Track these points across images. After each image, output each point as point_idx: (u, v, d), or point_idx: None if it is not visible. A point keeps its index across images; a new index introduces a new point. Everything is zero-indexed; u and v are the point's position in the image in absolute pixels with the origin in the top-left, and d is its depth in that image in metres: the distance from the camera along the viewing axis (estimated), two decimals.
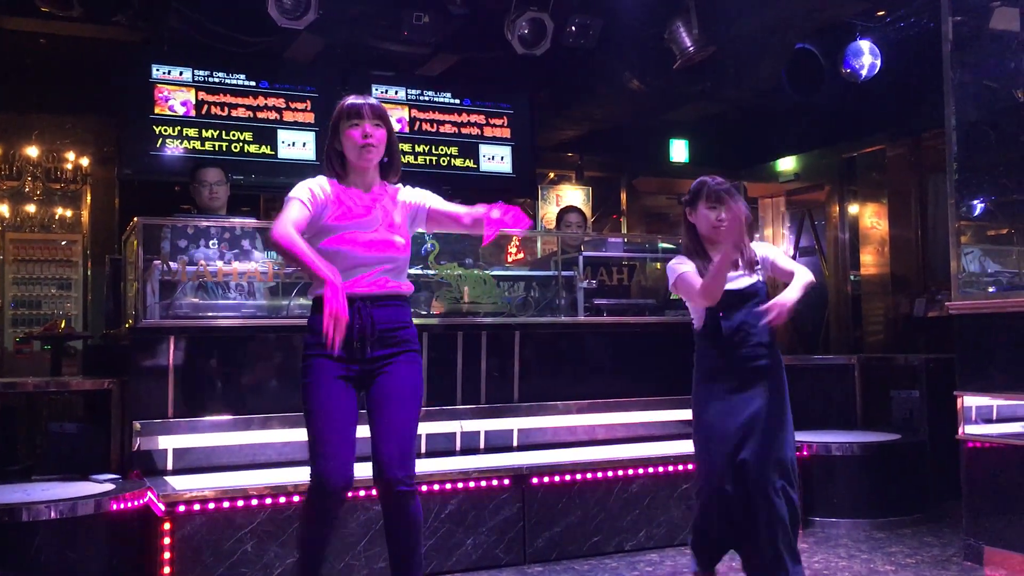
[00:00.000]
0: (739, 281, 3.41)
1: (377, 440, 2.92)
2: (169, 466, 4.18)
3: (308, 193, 2.95)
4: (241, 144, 6.88)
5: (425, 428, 4.66)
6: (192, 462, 4.22)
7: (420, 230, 3.21)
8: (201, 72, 6.83)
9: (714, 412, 3.36)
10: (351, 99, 3.02)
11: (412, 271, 5.12)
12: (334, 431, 2.88)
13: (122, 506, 3.63)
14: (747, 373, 3.36)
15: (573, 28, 6.48)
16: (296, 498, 3.81)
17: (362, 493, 3.92)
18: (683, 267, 3.43)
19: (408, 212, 3.07)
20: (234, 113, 6.90)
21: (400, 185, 3.13)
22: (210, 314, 4.44)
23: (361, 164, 2.99)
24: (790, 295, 3.28)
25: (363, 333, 2.90)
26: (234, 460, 4.28)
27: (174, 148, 6.70)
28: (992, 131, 4.44)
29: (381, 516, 3.92)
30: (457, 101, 7.60)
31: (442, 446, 4.67)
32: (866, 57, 6.80)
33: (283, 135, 7.02)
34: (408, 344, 3.02)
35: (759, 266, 3.46)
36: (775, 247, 3.63)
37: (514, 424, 4.84)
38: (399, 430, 2.93)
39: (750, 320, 3.36)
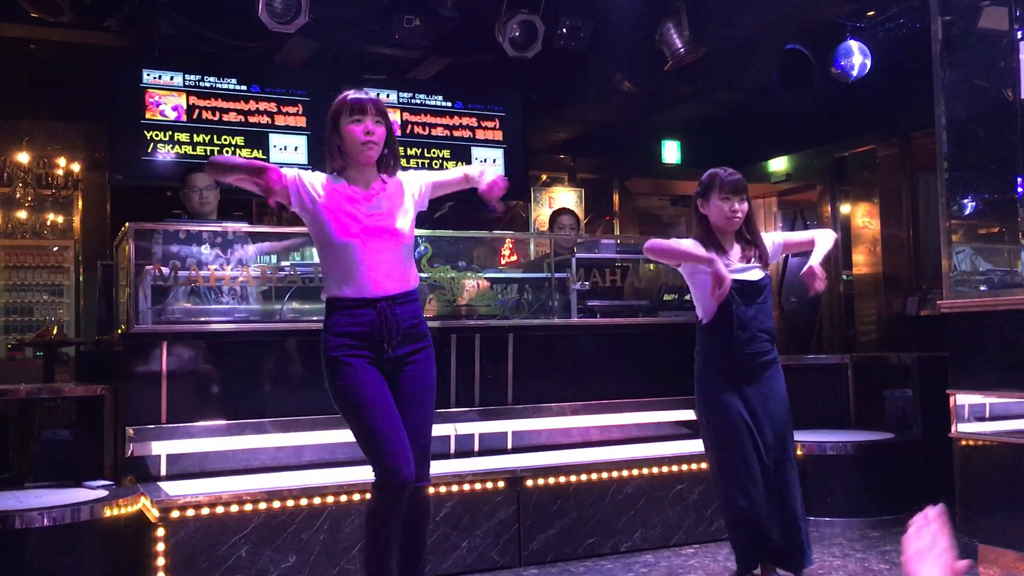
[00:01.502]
0: (751, 273, 3.43)
1: None
2: (163, 472, 4.17)
3: (300, 179, 2.97)
4: (233, 148, 6.87)
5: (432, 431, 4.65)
6: (186, 468, 4.21)
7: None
8: (192, 77, 6.82)
9: (729, 402, 3.37)
10: (353, 94, 3.00)
11: None
12: (393, 424, 2.91)
13: (116, 512, 3.61)
14: (757, 367, 3.38)
15: (564, 30, 6.48)
16: (290, 503, 3.81)
17: (356, 497, 3.92)
18: (685, 241, 3.47)
19: (413, 200, 3.08)
20: (225, 118, 6.89)
21: (399, 174, 3.12)
22: (203, 319, 4.44)
23: (362, 160, 2.98)
24: (817, 258, 3.43)
25: (387, 333, 2.92)
26: (228, 465, 4.27)
27: (165, 153, 6.69)
28: (982, 130, 4.46)
29: None
30: (449, 104, 7.60)
31: (436, 449, 4.60)
32: (856, 57, 6.82)
33: (275, 139, 7.02)
34: (426, 339, 3.06)
35: (772, 256, 3.49)
36: (778, 233, 3.68)
37: (508, 426, 4.84)
38: (422, 431, 3.01)
39: (760, 314, 3.39)
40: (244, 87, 6.96)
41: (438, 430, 4.63)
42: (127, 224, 4.34)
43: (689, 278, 3.52)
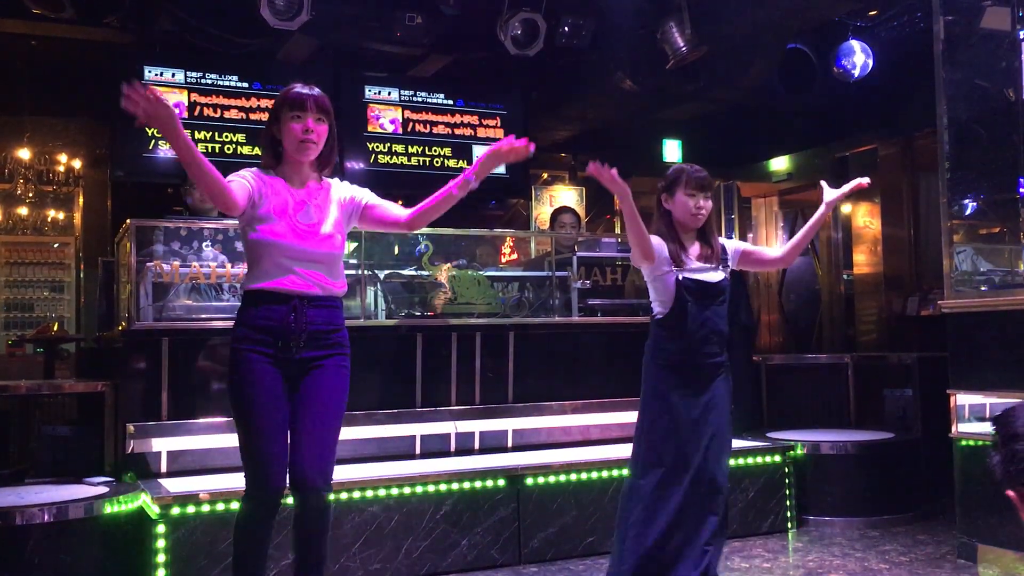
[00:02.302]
0: (709, 274, 3.41)
1: (299, 445, 2.80)
2: (163, 468, 4.17)
3: (248, 177, 2.82)
4: (234, 146, 6.87)
5: (420, 429, 4.66)
6: (186, 464, 4.21)
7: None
8: (193, 74, 6.81)
9: (675, 401, 3.36)
10: (297, 88, 2.87)
11: (408, 271, 5.15)
12: (273, 432, 2.77)
13: (116, 509, 3.62)
14: (706, 368, 3.38)
15: (566, 28, 6.48)
16: (289, 499, 3.80)
17: (357, 495, 3.92)
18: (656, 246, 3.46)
19: (343, 209, 2.94)
20: (227, 115, 6.89)
21: (333, 180, 3.00)
22: (203, 316, 4.44)
23: (298, 157, 2.86)
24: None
25: (295, 331, 2.78)
26: (228, 462, 4.25)
27: (166, 150, 6.68)
28: (983, 130, 4.46)
29: (375, 517, 3.95)
30: (450, 102, 7.60)
31: (437, 447, 4.67)
32: (858, 56, 6.82)
33: None
34: (339, 348, 2.90)
35: (728, 261, 3.47)
36: (737, 241, 3.66)
37: (509, 425, 4.84)
38: (321, 439, 2.82)
39: (714, 316, 3.38)
40: (245, 84, 6.96)
41: (439, 428, 4.66)
42: (128, 221, 4.34)
43: (650, 281, 3.50)
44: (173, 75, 6.76)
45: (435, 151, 7.49)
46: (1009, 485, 1.39)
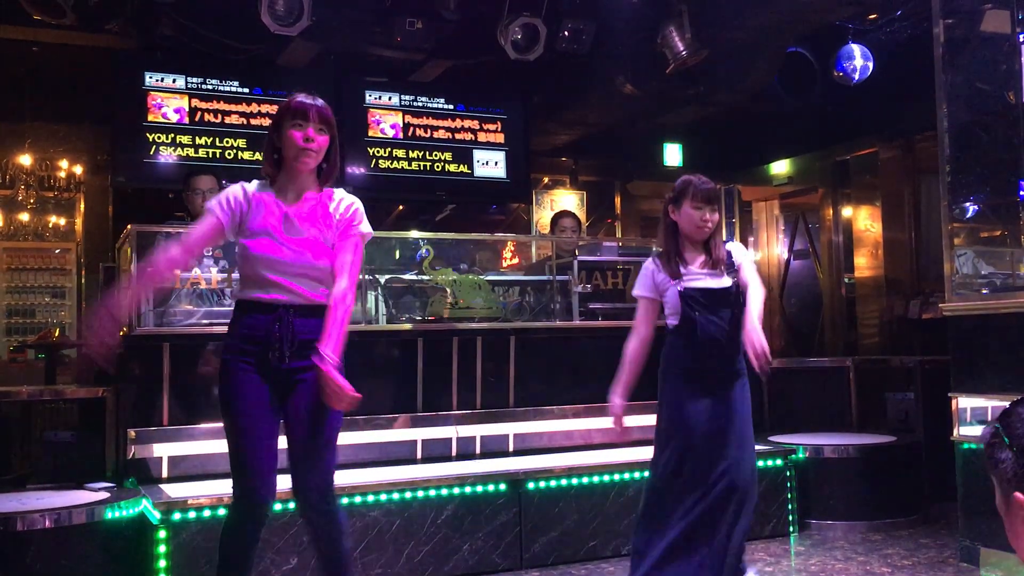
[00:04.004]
0: (715, 281, 3.41)
1: (295, 463, 2.84)
2: (164, 474, 4.17)
3: (227, 202, 2.85)
4: (235, 151, 6.87)
5: (421, 434, 4.66)
6: (187, 469, 4.21)
7: (414, 233, 3.14)
8: (194, 79, 6.82)
9: (691, 410, 3.36)
10: (300, 98, 2.89)
11: (408, 276, 5.14)
12: (259, 442, 2.79)
13: (117, 514, 3.61)
14: (720, 377, 3.38)
15: (566, 33, 6.49)
16: (290, 505, 3.80)
17: (358, 499, 3.92)
18: (638, 290, 3.51)
19: (337, 222, 2.91)
20: (228, 120, 6.89)
21: (338, 191, 2.98)
22: (204, 321, 4.44)
23: (296, 166, 2.85)
24: (756, 325, 3.26)
25: (279, 340, 2.78)
26: (229, 467, 4.26)
27: (168, 155, 6.69)
28: (984, 133, 4.46)
29: (376, 522, 3.95)
30: (451, 107, 7.60)
31: (438, 451, 4.67)
32: (858, 60, 6.82)
33: None
34: None
35: (735, 268, 3.48)
36: (747, 253, 3.65)
37: (510, 429, 4.84)
38: (315, 454, 2.83)
39: (724, 322, 3.37)
40: (246, 89, 6.97)
41: (440, 432, 4.66)
42: (129, 226, 4.34)
43: (662, 300, 3.54)
44: (174, 80, 6.77)
45: (436, 156, 7.49)
46: (1020, 486, 1.35)
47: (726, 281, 3.42)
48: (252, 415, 2.80)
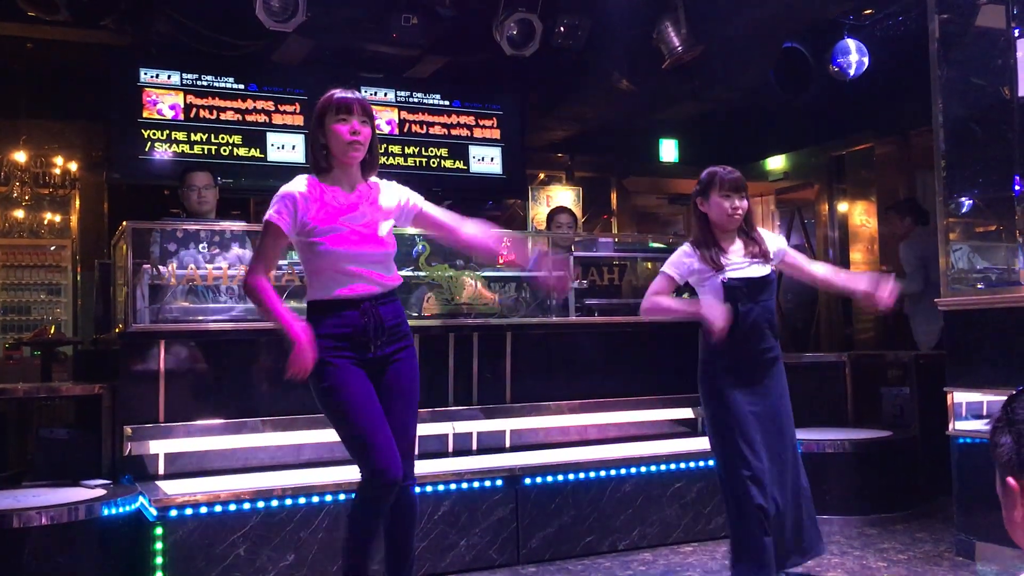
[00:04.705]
0: (753, 269, 3.43)
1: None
2: (161, 471, 4.17)
3: (283, 208, 2.90)
4: (230, 147, 6.87)
5: (417, 430, 4.64)
6: (184, 467, 4.21)
7: (410, 230, 3.21)
8: (189, 75, 6.81)
9: (734, 396, 3.38)
10: (340, 93, 2.96)
11: (403, 273, 5.14)
12: (379, 424, 2.90)
13: (113, 511, 3.61)
14: (760, 364, 3.40)
15: (562, 29, 6.48)
16: (289, 501, 3.81)
17: (355, 495, 3.91)
18: (670, 268, 3.48)
19: (395, 209, 3.04)
20: (223, 116, 6.88)
21: (382, 180, 3.10)
22: (200, 317, 4.43)
23: (346, 160, 2.94)
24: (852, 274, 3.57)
25: (372, 332, 2.92)
26: (226, 464, 4.27)
27: (163, 152, 6.68)
28: (980, 128, 4.46)
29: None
30: (446, 103, 7.60)
31: (434, 447, 4.67)
32: (853, 55, 6.82)
33: (272, 138, 7.01)
34: (408, 338, 3.06)
35: (773, 257, 3.50)
36: (778, 237, 3.71)
37: (506, 425, 4.84)
38: (407, 430, 3.01)
39: (764, 310, 3.40)
40: (241, 86, 6.96)
41: (436, 429, 4.66)
42: (124, 223, 4.34)
43: (698, 288, 3.56)
44: (169, 77, 6.75)
45: (431, 152, 7.49)
46: (1016, 471, 1.35)
47: (765, 268, 3.46)
48: (368, 401, 2.91)
